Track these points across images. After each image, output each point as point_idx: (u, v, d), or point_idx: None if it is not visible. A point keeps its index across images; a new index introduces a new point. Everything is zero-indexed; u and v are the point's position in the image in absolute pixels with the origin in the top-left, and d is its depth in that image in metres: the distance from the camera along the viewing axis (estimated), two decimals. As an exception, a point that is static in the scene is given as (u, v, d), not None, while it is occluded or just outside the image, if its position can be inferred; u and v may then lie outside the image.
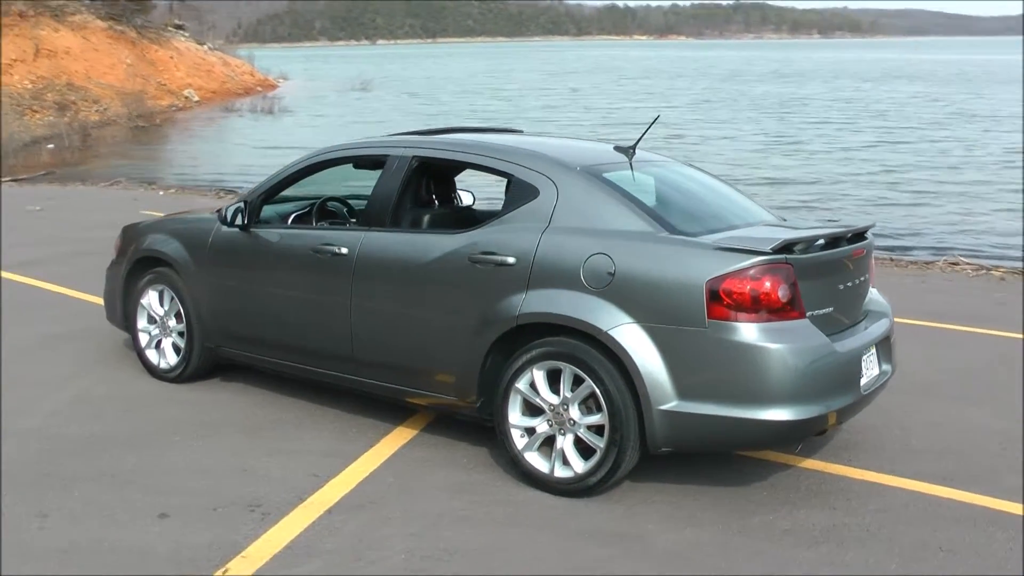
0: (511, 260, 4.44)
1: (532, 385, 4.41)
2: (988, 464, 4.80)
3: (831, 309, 4.31)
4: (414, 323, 4.76)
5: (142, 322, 6.09)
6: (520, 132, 5.77)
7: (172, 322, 5.92)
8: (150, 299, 6.01)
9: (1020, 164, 20.01)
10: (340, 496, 4.38)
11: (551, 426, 4.40)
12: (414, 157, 5.06)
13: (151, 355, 6.07)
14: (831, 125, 29.28)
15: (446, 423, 5.23)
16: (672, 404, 4.08)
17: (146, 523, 4.12)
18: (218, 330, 5.65)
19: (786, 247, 4.08)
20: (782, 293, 4.03)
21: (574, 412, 4.32)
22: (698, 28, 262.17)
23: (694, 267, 4.08)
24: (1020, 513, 4.24)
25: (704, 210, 4.70)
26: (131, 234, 6.29)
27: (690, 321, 4.04)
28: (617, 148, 5.03)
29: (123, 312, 6.21)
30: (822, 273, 4.25)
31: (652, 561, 3.81)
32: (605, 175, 4.60)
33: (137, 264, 6.08)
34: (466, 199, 6.30)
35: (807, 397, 4.03)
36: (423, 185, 5.33)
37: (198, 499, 4.34)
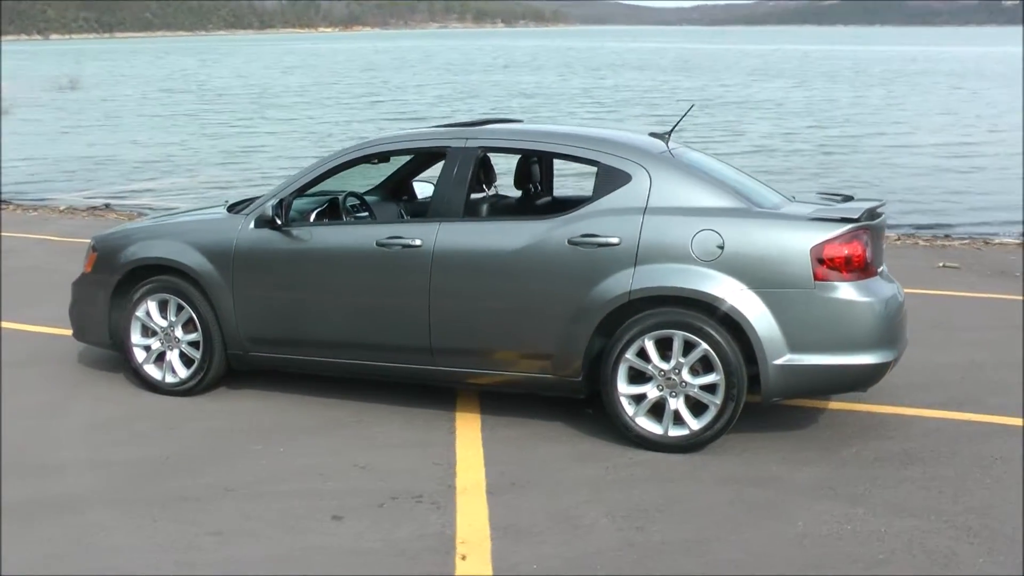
0: (615, 240, 4.78)
1: (641, 354, 4.79)
2: (971, 390, 5.78)
3: (884, 267, 5.06)
4: (507, 306, 4.95)
5: (136, 336, 5.70)
6: (521, 121, 6.03)
7: (179, 332, 5.61)
8: (148, 310, 5.64)
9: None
10: (483, 480, 4.52)
11: (661, 390, 4.80)
12: (480, 148, 5.22)
13: (151, 370, 5.71)
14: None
15: (498, 403, 5.43)
16: (785, 358, 4.64)
17: (327, 526, 4.07)
18: (250, 335, 5.45)
19: (866, 215, 4.77)
20: (867, 255, 4.72)
21: (686, 375, 4.75)
22: (383, 18, 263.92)
23: (798, 237, 4.66)
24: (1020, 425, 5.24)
25: (751, 187, 5.28)
26: (110, 244, 5.85)
27: (798, 284, 4.62)
28: (652, 135, 5.49)
29: (109, 328, 5.77)
30: (876, 237, 4.99)
31: (807, 495, 4.35)
32: (680, 159, 5.06)
33: (128, 275, 5.68)
34: (425, 189, 6.48)
35: (889, 342, 4.75)
36: (487, 176, 5.48)
37: (353, 498, 4.32)
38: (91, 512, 4.22)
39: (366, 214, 5.98)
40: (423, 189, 6.50)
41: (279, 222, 5.30)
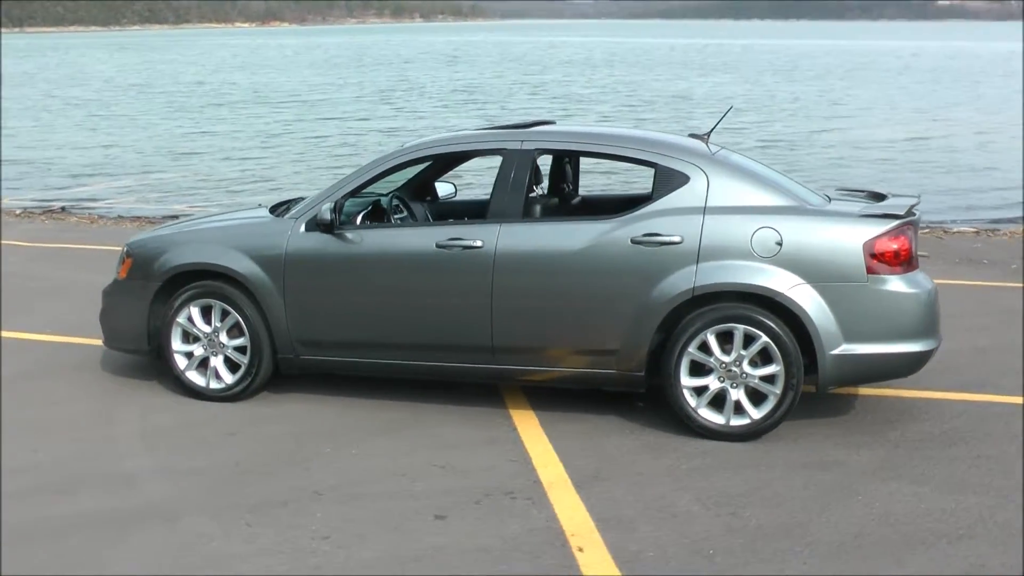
0: (677, 239, 4.96)
1: (703, 347, 4.98)
2: (982, 373, 6.13)
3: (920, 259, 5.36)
4: (571, 305, 5.08)
5: (177, 342, 5.65)
6: (554, 122, 6.15)
7: (224, 338, 5.58)
8: (190, 316, 5.59)
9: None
10: (564, 474, 4.64)
11: (722, 381, 5.00)
12: (537, 150, 5.33)
13: (194, 376, 5.66)
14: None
15: (546, 400, 5.55)
16: (841, 348, 4.88)
17: (434, 526, 4.14)
18: (302, 339, 5.45)
19: (909, 211, 5.05)
20: (912, 248, 5.00)
21: (746, 366, 4.96)
22: (300, 14, 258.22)
23: (851, 233, 4.91)
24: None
25: (792, 185, 5.51)
26: (148, 250, 5.77)
27: (852, 277, 4.87)
28: (692, 135, 5.68)
29: (147, 334, 5.70)
30: (916, 232, 5.27)
31: (872, 477, 4.59)
32: (728, 160, 5.27)
33: (169, 281, 5.61)
34: (445, 190, 6.58)
35: (932, 331, 5.05)
36: (536, 177, 5.58)
37: (447, 498, 4.39)
38: (185, 520, 4.20)
39: (405, 214, 6.04)
40: (443, 189, 6.58)
41: (336, 226, 5.32)
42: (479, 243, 5.17)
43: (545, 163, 6.03)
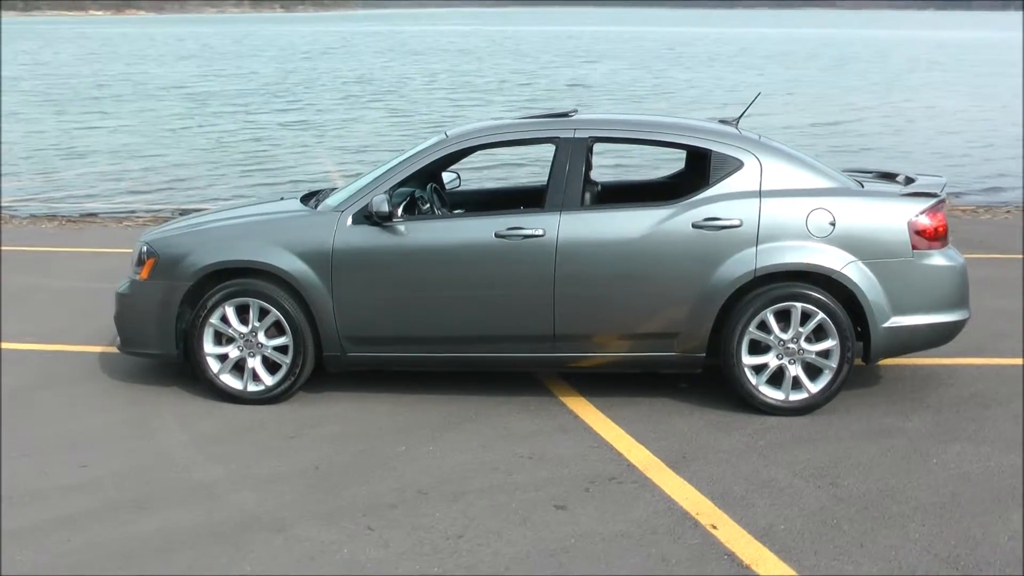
0: (736, 222, 5.09)
1: (761, 326, 5.14)
2: (985, 340, 6.45)
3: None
4: (634, 290, 5.14)
5: (209, 345, 5.39)
6: (577, 111, 6.14)
7: (262, 337, 5.36)
8: (224, 316, 5.35)
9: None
10: (652, 456, 4.71)
11: (780, 359, 5.17)
12: (591, 138, 5.35)
13: (229, 380, 5.42)
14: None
15: (592, 385, 5.60)
16: (890, 321, 5.14)
17: (559, 515, 4.13)
18: (351, 335, 5.30)
19: (942, 190, 5.35)
20: (946, 225, 5.30)
21: (804, 343, 5.15)
22: (158, 3, 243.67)
23: (897, 211, 5.16)
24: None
25: (829, 168, 5.71)
26: (174, 248, 5.46)
27: (899, 254, 5.13)
28: (722, 121, 5.83)
29: (175, 337, 5.41)
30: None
31: (935, 440, 4.87)
32: (776, 145, 5.44)
33: (202, 280, 5.35)
34: (449, 178, 6.52)
35: (965, 301, 5.37)
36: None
37: (553, 487, 4.40)
38: (298, 528, 4.05)
39: (428, 205, 5.93)
40: (446, 177, 6.48)
41: (394, 217, 5.20)
42: (541, 232, 5.16)
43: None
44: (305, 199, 5.85)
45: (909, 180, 5.66)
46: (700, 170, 5.50)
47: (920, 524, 4.03)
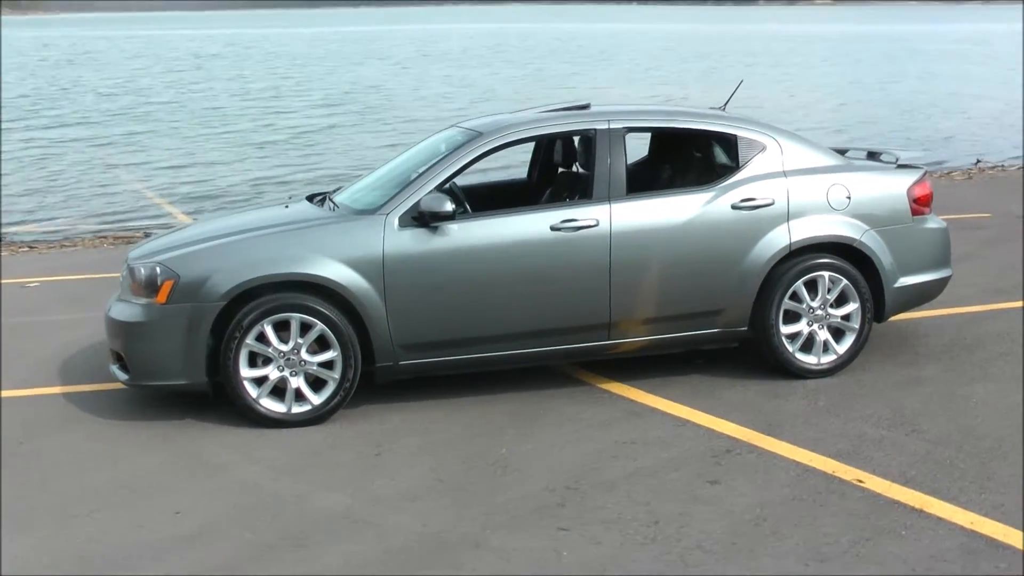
0: (769, 201, 5.40)
1: (793, 296, 5.48)
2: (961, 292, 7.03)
3: None
4: (684, 272, 5.31)
5: (245, 368, 4.94)
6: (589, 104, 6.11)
7: (305, 354, 4.98)
8: (262, 335, 4.92)
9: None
10: (743, 430, 4.89)
11: (810, 325, 5.54)
12: (626, 128, 5.42)
13: (269, 404, 5.00)
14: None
15: (617, 371, 5.69)
16: (899, 282, 5.66)
17: (721, 490, 4.23)
18: (405, 343, 5.06)
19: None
20: (931, 193, 5.90)
21: (830, 309, 5.55)
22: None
23: (896, 182, 5.70)
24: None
25: (826, 147, 6.10)
26: (197, 267, 4.94)
27: (901, 220, 5.67)
28: (712, 108, 6.12)
29: (206, 363, 4.91)
30: None
31: (973, 382, 5.43)
32: (785, 128, 5.82)
33: (237, 299, 4.88)
34: None
35: (950, 259, 6.00)
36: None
37: (690, 466, 4.48)
38: (494, 540, 3.87)
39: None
40: None
41: (456, 216, 5.04)
42: (594, 222, 5.19)
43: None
44: (312, 201, 5.48)
45: (874, 155, 6.23)
46: (710, 155, 5.75)
47: (1016, 459, 4.49)
